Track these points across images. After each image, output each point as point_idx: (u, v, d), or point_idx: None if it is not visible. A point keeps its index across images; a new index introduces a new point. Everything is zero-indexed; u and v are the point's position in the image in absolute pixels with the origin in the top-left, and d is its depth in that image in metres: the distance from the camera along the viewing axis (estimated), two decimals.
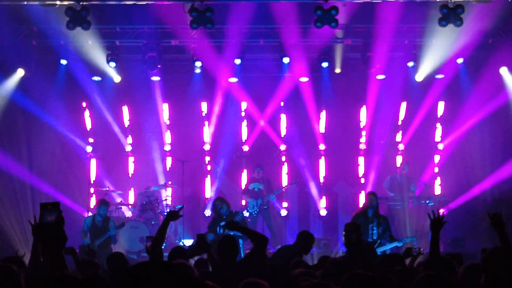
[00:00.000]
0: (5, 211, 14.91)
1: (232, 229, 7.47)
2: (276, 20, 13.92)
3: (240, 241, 11.09)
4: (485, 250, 7.38)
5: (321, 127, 16.36)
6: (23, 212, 14.73)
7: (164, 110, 16.42)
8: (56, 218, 2.87)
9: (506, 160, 15.00)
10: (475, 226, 14.75)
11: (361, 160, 16.40)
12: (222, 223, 11.36)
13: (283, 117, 16.47)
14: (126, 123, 16.43)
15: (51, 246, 2.83)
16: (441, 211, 14.69)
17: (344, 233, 8.46)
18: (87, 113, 16.26)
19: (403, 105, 16.18)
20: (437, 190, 15.68)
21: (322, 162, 16.38)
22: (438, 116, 16.17)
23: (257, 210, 14.92)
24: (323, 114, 16.33)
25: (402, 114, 16.23)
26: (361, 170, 16.35)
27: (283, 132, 16.49)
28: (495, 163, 15.20)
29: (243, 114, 16.48)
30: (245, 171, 16.29)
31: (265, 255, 7.25)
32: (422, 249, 8.24)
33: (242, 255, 10.40)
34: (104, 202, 13.14)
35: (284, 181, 15.98)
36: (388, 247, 10.77)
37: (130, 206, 15.44)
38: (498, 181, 15.01)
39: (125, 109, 16.38)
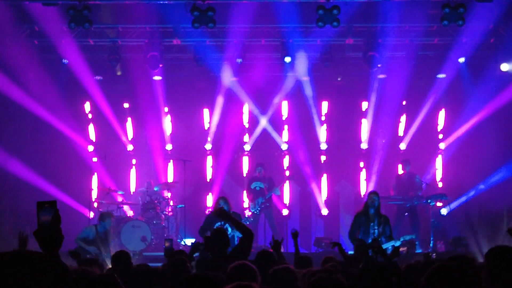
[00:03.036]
0: (6, 210, 14.92)
1: (224, 218, 7.61)
2: (278, 19, 13.92)
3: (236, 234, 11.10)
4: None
5: (323, 126, 16.36)
6: (24, 211, 14.72)
7: (166, 109, 16.43)
8: (52, 217, 2.86)
9: (508, 159, 14.98)
10: (477, 225, 14.73)
11: (362, 159, 16.39)
12: (218, 224, 11.33)
13: (284, 116, 16.46)
14: (128, 122, 16.44)
15: (47, 245, 2.82)
16: (443, 211, 14.67)
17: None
18: (88, 112, 16.27)
19: (404, 105, 16.19)
20: (439, 190, 15.65)
21: (323, 161, 16.37)
22: (440, 116, 16.16)
23: (259, 208, 14.92)
24: (324, 113, 16.32)
25: (403, 113, 16.23)
26: (362, 169, 16.35)
27: (284, 131, 16.49)
28: (497, 162, 15.16)
29: (244, 113, 16.48)
30: (246, 170, 16.29)
31: (250, 249, 7.44)
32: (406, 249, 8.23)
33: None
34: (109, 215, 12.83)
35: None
36: (386, 245, 10.80)
37: (131, 206, 15.45)
38: (499, 180, 14.98)
39: (127, 108, 16.39)
